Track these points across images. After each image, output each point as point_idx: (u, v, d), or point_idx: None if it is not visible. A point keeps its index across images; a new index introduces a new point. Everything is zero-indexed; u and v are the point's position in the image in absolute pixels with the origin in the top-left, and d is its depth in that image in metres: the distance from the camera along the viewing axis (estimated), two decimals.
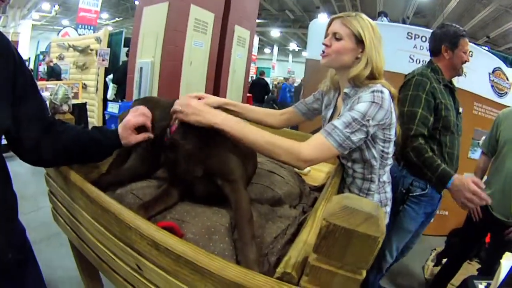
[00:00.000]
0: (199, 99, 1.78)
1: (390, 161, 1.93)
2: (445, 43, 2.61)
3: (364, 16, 1.78)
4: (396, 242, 2.66)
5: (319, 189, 2.18)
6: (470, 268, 3.73)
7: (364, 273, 0.85)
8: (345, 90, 1.81)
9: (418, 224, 2.66)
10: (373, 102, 1.58)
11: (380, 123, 1.63)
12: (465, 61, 2.61)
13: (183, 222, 1.45)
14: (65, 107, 1.93)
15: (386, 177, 2.00)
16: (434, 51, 2.69)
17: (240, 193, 1.51)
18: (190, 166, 1.56)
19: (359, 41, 1.73)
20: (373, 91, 1.61)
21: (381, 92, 1.62)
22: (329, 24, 1.84)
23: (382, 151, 1.83)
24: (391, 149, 1.86)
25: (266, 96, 13.81)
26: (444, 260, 3.82)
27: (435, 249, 4.41)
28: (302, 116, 2.26)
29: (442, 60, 2.64)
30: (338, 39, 1.76)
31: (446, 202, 2.51)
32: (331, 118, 1.99)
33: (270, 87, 14.61)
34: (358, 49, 1.75)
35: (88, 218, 1.42)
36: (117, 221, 1.21)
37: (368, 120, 1.56)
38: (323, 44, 1.81)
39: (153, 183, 1.80)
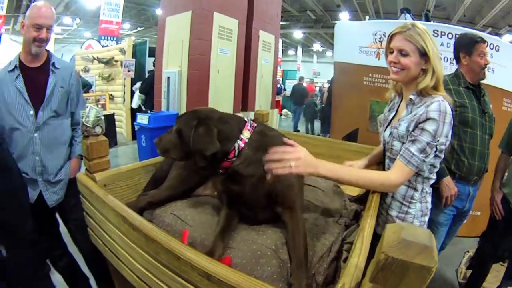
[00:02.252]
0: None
1: (434, 176, 2.02)
2: (462, 50, 2.88)
3: (419, 25, 1.87)
4: None
5: (358, 199, 2.15)
6: (502, 270, 3.59)
7: None
8: (411, 96, 1.92)
9: (448, 217, 2.82)
10: (441, 121, 1.72)
11: (446, 138, 1.78)
12: (485, 64, 2.81)
13: (229, 248, 1.42)
14: (98, 129, 1.91)
15: (428, 188, 2.04)
16: (456, 58, 2.97)
17: (299, 221, 1.50)
18: (254, 196, 1.52)
19: (423, 54, 1.82)
20: (439, 107, 1.74)
21: (445, 106, 1.75)
22: (390, 39, 1.95)
23: (432, 164, 1.93)
24: (439, 164, 1.97)
25: (305, 99, 14.37)
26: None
27: (467, 252, 4.31)
28: None
29: (463, 66, 2.89)
30: (404, 55, 1.85)
31: (479, 202, 2.52)
32: (391, 120, 2.10)
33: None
34: (422, 61, 1.84)
35: (131, 245, 1.39)
36: (165, 251, 1.18)
37: (438, 140, 1.74)
38: (391, 61, 1.92)
39: (193, 202, 1.77)
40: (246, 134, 1.53)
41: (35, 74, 2.48)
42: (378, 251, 0.85)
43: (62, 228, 2.75)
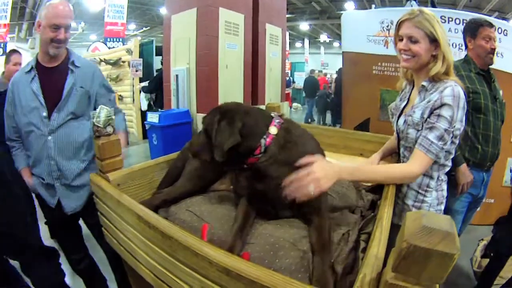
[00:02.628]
0: None
1: (450, 163, 2.02)
2: (468, 34, 2.90)
3: (427, 10, 1.86)
4: None
5: (373, 189, 2.10)
6: None
7: (438, 286, 0.87)
8: (423, 83, 1.91)
9: (463, 204, 2.82)
10: (455, 106, 1.73)
11: (461, 123, 1.79)
12: (491, 49, 2.78)
13: (247, 244, 1.40)
14: (109, 129, 1.90)
15: (444, 176, 2.05)
16: (464, 44, 2.96)
17: (324, 220, 1.47)
18: (278, 195, 1.45)
19: (433, 40, 1.82)
20: (453, 92, 1.74)
21: (459, 91, 1.75)
22: (398, 27, 1.93)
23: (448, 151, 1.92)
24: (454, 150, 1.96)
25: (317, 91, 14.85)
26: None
27: (482, 240, 4.26)
28: None
29: (470, 51, 2.89)
30: (414, 42, 1.84)
31: (492, 190, 2.50)
32: (404, 108, 2.09)
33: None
34: (432, 47, 1.83)
35: (147, 243, 1.38)
36: (182, 248, 1.17)
37: (454, 126, 1.75)
38: (401, 49, 1.90)
39: (208, 197, 1.76)
40: (273, 130, 1.48)
41: (53, 75, 2.38)
42: (399, 239, 0.83)
43: (85, 230, 2.70)
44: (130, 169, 1.91)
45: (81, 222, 2.66)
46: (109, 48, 11.99)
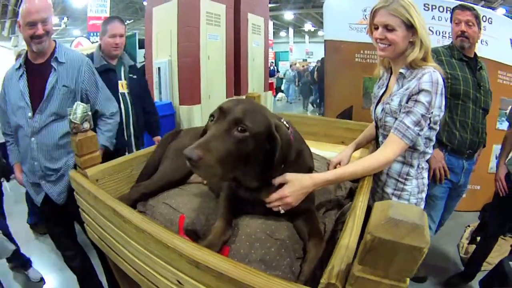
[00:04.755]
0: None
1: (431, 150, 1.98)
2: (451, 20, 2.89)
3: None
4: (428, 211, 2.74)
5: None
6: (504, 244, 3.64)
7: (408, 281, 0.83)
8: (401, 70, 1.87)
9: (443, 190, 2.81)
10: (433, 92, 1.70)
11: (440, 110, 1.77)
12: (460, 32, 2.75)
13: None
14: (86, 125, 1.87)
15: (424, 164, 2.02)
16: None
17: (315, 219, 1.48)
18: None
19: (410, 27, 1.77)
20: (431, 78, 1.71)
21: (437, 77, 1.72)
22: (373, 15, 1.86)
23: (427, 137, 1.90)
24: (434, 137, 1.93)
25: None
26: (479, 238, 3.69)
27: (468, 226, 4.32)
28: None
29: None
30: (390, 30, 1.79)
31: (478, 176, 2.49)
32: (382, 96, 2.06)
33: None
34: (409, 34, 1.79)
35: (124, 237, 1.38)
36: (154, 241, 1.18)
37: (431, 112, 1.72)
38: (377, 38, 1.85)
39: (185, 190, 1.77)
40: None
41: (39, 72, 2.32)
42: (366, 231, 0.80)
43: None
44: (108, 163, 1.89)
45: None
46: (92, 43, 11.83)
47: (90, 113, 1.92)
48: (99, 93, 2.53)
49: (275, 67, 21.84)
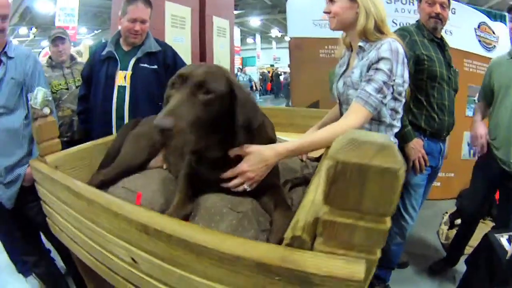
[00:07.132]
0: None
1: (398, 124, 1.98)
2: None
3: None
4: (409, 200, 2.73)
5: (319, 158, 2.06)
6: (484, 227, 3.64)
7: (389, 221, 0.71)
8: (360, 43, 1.87)
9: (423, 177, 2.75)
10: (394, 59, 1.71)
11: (402, 79, 1.77)
12: (435, 13, 2.67)
13: None
14: (46, 110, 1.84)
15: (393, 138, 2.02)
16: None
17: (281, 192, 1.50)
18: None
19: None
20: (390, 46, 1.72)
21: (397, 46, 1.73)
22: None
23: (393, 109, 1.89)
24: (401, 109, 1.92)
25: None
26: (458, 221, 3.76)
27: (446, 213, 4.36)
28: None
29: (421, 16, 2.81)
30: (332, 2, 1.86)
31: (452, 164, 2.50)
32: (343, 74, 2.06)
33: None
34: (354, 5, 1.82)
35: (78, 217, 1.35)
36: (104, 210, 1.14)
37: (394, 80, 1.72)
38: (324, 12, 1.93)
39: (144, 174, 1.78)
40: None
41: None
42: (324, 158, 0.72)
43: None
44: (68, 150, 1.87)
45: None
46: None
47: (51, 98, 1.91)
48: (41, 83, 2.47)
49: (249, 75, 22.57)
